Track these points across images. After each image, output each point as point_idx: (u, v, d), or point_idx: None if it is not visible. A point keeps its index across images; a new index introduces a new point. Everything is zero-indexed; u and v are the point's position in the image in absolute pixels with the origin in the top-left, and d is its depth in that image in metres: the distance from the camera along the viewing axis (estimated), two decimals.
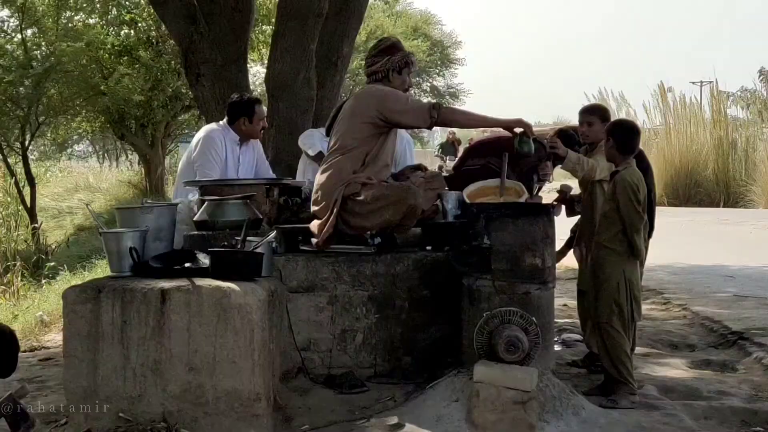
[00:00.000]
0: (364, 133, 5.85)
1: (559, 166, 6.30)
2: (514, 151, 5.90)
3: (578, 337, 7.36)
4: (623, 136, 5.62)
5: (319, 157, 7.24)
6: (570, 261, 7.40)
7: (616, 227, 5.53)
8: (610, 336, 5.51)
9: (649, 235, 6.03)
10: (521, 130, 5.81)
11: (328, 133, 6.33)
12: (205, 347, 4.75)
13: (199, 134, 7.23)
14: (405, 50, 6.09)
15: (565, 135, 6.59)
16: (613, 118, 6.47)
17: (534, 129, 5.89)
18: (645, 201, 5.55)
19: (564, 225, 6.57)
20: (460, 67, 52.11)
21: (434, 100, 6.32)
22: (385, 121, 5.84)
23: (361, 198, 5.71)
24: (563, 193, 6.62)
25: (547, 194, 7.05)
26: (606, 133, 5.74)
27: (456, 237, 5.57)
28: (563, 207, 6.65)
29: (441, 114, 5.78)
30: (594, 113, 6.43)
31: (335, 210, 5.72)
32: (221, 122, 7.22)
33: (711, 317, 8.20)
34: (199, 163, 6.97)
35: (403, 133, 8.01)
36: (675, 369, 6.51)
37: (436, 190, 6.18)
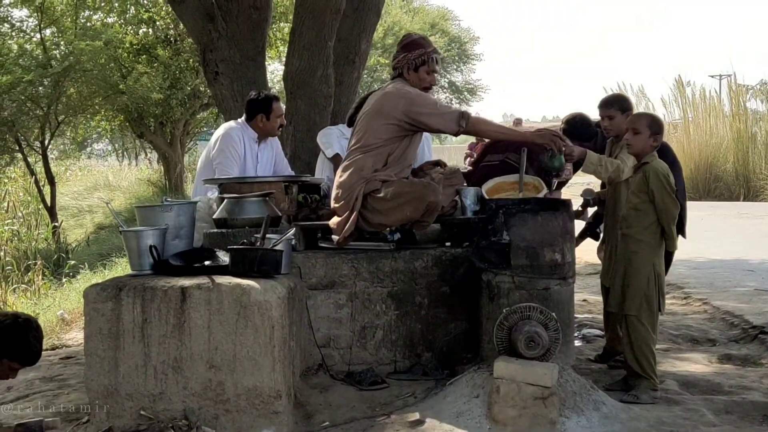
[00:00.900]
0: (389, 133, 5.78)
1: (580, 170, 6.23)
2: (543, 166, 5.86)
3: (598, 332, 7.34)
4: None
5: (335, 160, 7.23)
6: (589, 256, 7.39)
7: (648, 219, 5.49)
8: (637, 330, 5.47)
9: (680, 232, 5.95)
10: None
11: (350, 124, 6.32)
12: (226, 345, 4.76)
13: (218, 132, 7.23)
14: (427, 47, 5.93)
15: (578, 123, 6.55)
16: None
17: (553, 124, 5.84)
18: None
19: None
20: (477, 63, 52.09)
21: (463, 108, 6.19)
22: (411, 124, 5.77)
23: (381, 195, 5.68)
24: (586, 202, 6.58)
25: (567, 189, 7.03)
26: (630, 125, 5.65)
27: (475, 233, 5.57)
28: (588, 211, 6.64)
29: (470, 122, 5.72)
30: (613, 105, 6.27)
31: (356, 208, 5.71)
32: (240, 120, 7.22)
33: (732, 311, 8.16)
34: (218, 161, 6.98)
35: None
36: (696, 364, 6.49)
37: (455, 186, 6.17)
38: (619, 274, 5.61)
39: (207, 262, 5.23)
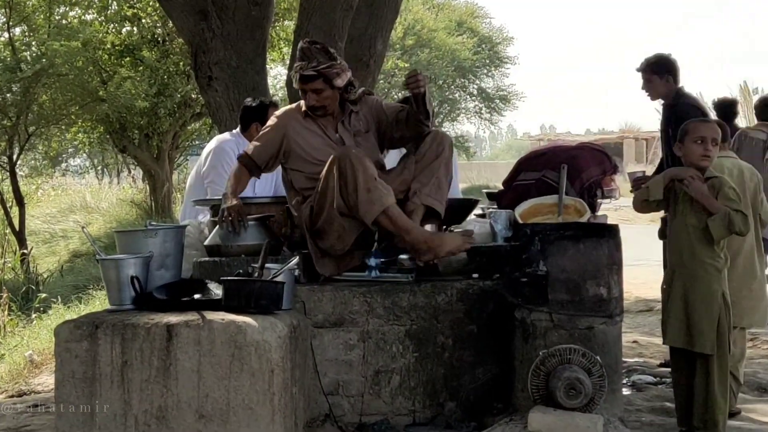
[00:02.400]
0: None
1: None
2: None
3: (651, 379, 7.31)
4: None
5: None
6: (640, 290, 7.37)
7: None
8: (708, 373, 5.45)
9: None
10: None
11: None
12: (218, 391, 4.76)
13: (210, 146, 7.27)
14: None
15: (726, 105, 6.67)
16: None
17: (599, 138, 5.86)
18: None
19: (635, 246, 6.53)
20: (511, 66, 52.22)
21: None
22: None
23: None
24: (637, 182, 6.57)
25: (613, 212, 7.02)
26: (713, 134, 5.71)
27: (507, 263, 5.56)
28: None
29: None
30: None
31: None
32: (234, 131, 7.26)
33: None
34: (209, 179, 7.01)
35: None
36: (764, 416, 6.44)
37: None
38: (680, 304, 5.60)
39: (197, 296, 5.24)
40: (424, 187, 5.83)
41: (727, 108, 9.39)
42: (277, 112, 6.26)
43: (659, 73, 7.55)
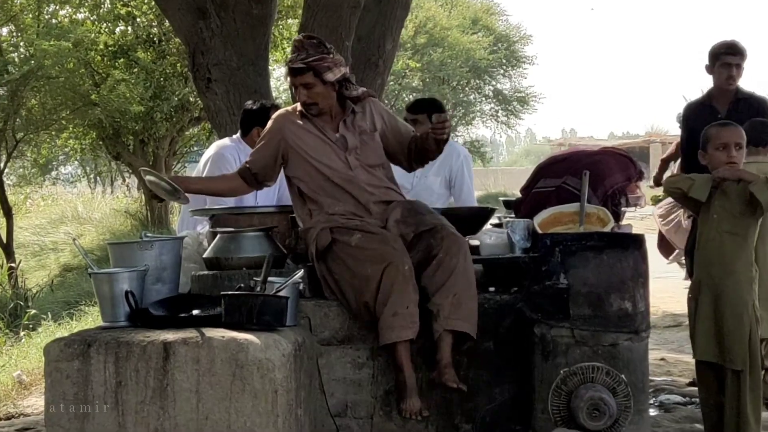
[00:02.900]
0: None
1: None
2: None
3: (679, 399, 7.29)
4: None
5: None
6: (668, 304, 7.35)
7: (747, 246, 5.56)
8: (739, 391, 5.44)
9: None
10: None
11: None
12: (218, 413, 4.76)
13: (208, 152, 7.28)
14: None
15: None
16: None
17: (623, 142, 5.87)
18: None
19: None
20: (529, 67, 52.25)
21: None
22: None
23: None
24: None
25: (639, 222, 7.01)
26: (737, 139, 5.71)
27: (525, 275, 5.56)
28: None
29: None
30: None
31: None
32: (235, 136, 7.27)
33: None
34: None
35: (459, 148, 8.03)
36: None
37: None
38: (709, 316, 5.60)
39: (195, 312, 5.24)
40: (443, 309, 5.53)
41: None
42: (274, 115, 6.25)
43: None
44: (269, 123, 6.18)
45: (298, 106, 6.05)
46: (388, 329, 5.40)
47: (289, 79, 6.02)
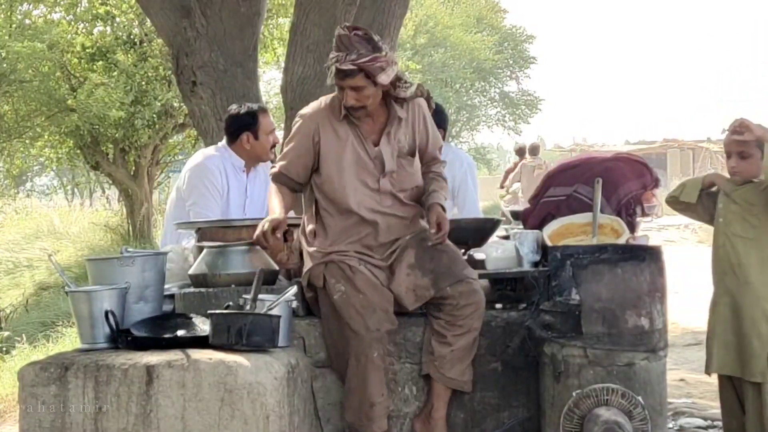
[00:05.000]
0: None
1: None
2: None
3: (700, 422, 7.29)
4: None
5: None
6: (688, 321, 7.34)
7: (763, 250, 5.59)
8: (762, 405, 5.46)
9: None
10: None
11: None
12: None
13: (190, 162, 7.26)
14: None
15: None
16: None
17: (638, 148, 5.89)
18: None
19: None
20: (538, 68, 52.30)
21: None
22: None
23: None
24: None
25: (656, 232, 7.02)
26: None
27: (535, 291, 5.56)
28: None
29: None
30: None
31: None
32: (220, 144, 7.25)
33: None
34: (191, 201, 6.99)
35: (463, 156, 8.03)
36: None
37: None
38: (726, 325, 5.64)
39: (180, 332, 5.25)
40: (445, 361, 5.57)
41: None
42: (302, 111, 5.98)
43: None
44: (297, 120, 5.94)
45: (334, 102, 5.82)
46: (368, 420, 5.46)
47: (334, 79, 5.64)
